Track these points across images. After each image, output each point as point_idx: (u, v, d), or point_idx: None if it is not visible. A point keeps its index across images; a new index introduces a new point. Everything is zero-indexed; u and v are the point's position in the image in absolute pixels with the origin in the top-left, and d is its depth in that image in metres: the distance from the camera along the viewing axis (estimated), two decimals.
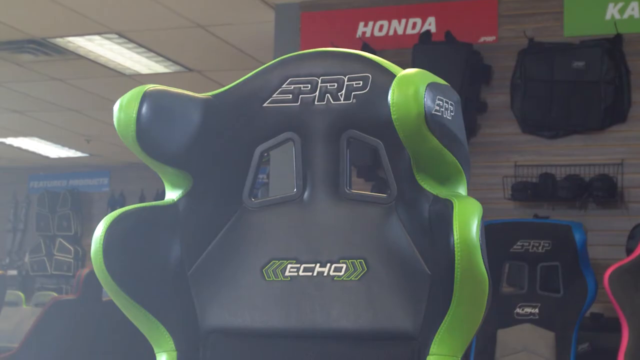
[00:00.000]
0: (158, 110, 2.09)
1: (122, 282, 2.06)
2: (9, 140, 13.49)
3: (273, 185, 7.12)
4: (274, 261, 2.15)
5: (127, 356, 8.45)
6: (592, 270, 5.38)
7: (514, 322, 5.48)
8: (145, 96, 2.08)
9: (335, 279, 2.09)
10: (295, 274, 2.12)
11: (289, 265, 2.13)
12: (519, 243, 5.62)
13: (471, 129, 6.77)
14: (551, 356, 5.31)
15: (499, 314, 5.44)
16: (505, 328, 5.47)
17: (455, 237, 1.85)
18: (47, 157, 14.09)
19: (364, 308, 2.04)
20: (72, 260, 11.38)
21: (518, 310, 5.50)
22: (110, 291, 2.07)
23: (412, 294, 2.00)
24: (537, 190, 6.56)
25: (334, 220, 2.15)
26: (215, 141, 2.17)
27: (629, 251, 5.88)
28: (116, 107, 2.09)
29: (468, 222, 1.85)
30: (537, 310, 5.46)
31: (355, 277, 2.07)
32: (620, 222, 6.43)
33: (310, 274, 2.11)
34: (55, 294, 9.40)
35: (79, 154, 13.93)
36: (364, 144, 2.15)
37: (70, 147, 13.68)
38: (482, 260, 1.85)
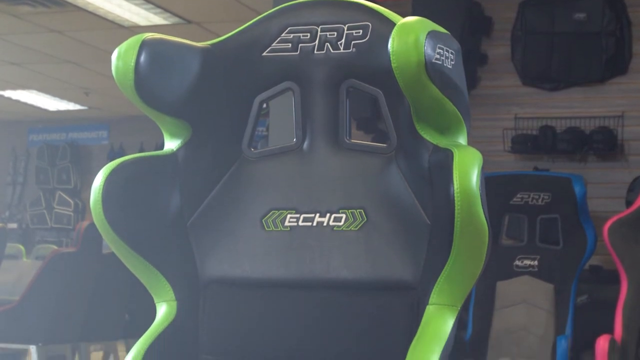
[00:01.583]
0: (156, 58, 2.07)
1: (122, 232, 2.05)
2: (8, 93, 13.45)
3: (272, 136, 7.09)
4: (273, 211, 2.14)
5: (127, 308, 8.49)
6: (591, 223, 5.38)
7: (513, 275, 5.49)
8: (144, 44, 2.07)
9: (334, 229, 2.08)
10: (295, 224, 2.11)
11: (289, 216, 2.13)
12: (518, 195, 5.62)
13: (471, 81, 6.74)
14: (550, 308, 5.33)
15: (498, 266, 5.45)
16: (505, 280, 5.48)
17: (455, 187, 1.84)
18: (46, 110, 14.06)
19: (364, 258, 2.04)
20: (71, 213, 11.39)
21: (517, 262, 5.51)
22: (110, 241, 2.07)
23: (411, 244, 2.00)
24: (537, 142, 6.54)
25: (333, 170, 2.14)
26: (214, 90, 2.15)
27: (629, 204, 5.88)
28: (114, 55, 2.07)
29: (468, 171, 1.85)
30: (536, 263, 5.47)
31: (355, 227, 2.07)
32: (620, 174, 6.42)
33: (309, 224, 2.10)
34: (55, 247, 9.42)
35: (77, 106, 13.89)
36: (363, 95, 2.13)
37: (69, 99, 13.64)
38: (482, 209, 1.85)
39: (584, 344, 5.27)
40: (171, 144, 2.17)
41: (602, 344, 4.58)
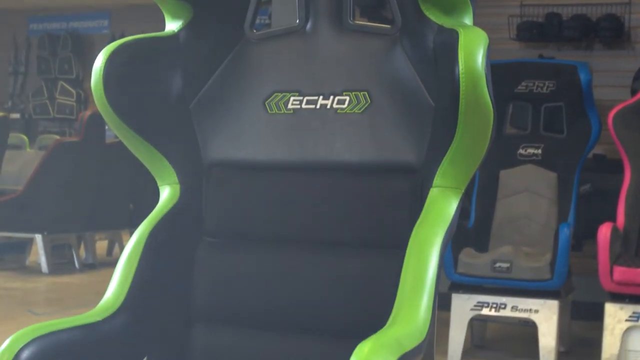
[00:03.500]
0: None
1: (123, 114, 2.03)
2: None
3: (275, 17, 6.98)
4: (276, 94, 2.12)
5: (131, 198, 8.53)
6: (596, 111, 5.35)
7: (516, 163, 5.48)
8: None
9: (338, 111, 2.06)
10: (298, 106, 2.10)
11: (292, 98, 2.11)
12: (523, 83, 5.58)
13: None
14: (553, 196, 5.34)
15: (502, 154, 5.44)
16: (508, 169, 5.48)
17: (460, 67, 1.81)
18: None
19: (368, 141, 2.03)
20: (74, 103, 11.34)
21: (521, 151, 5.49)
22: (112, 124, 2.05)
23: (415, 126, 1.98)
24: (542, 30, 6.46)
25: (337, 51, 2.11)
26: None
27: (634, 92, 5.84)
28: None
29: (473, 51, 1.82)
30: (540, 151, 5.46)
31: (359, 110, 2.05)
32: (626, 62, 6.36)
33: (313, 106, 2.09)
34: (58, 137, 9.41)
35: None
36: None
37: None
38: (487, 90, 1.82)
39: (586, 232, 5.29)
40: (172, 25, 2.14)
41: (604, 231, 4.60)
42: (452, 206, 1.90)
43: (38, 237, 7.60)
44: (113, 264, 2.02)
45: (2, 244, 7.78)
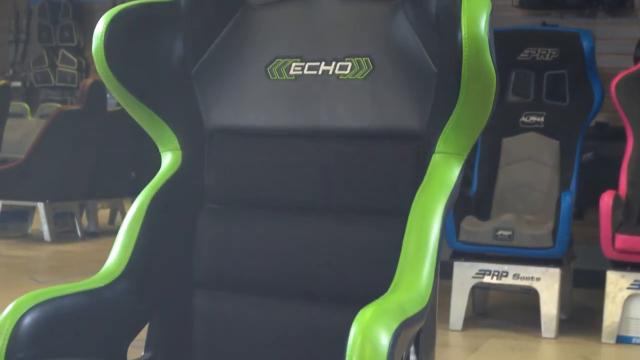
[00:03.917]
0: None
1: (125, 79, 2.03)
2: None
3: None
4: (278, 60, 2.11)
5: (133, 166, 8.53)
6: (599, 79, 5.33)
7: (519, 131, 5.47)
8: None
9: (340, 77, 2.06)
10: (300, 72, 2.09)
11: (294, 64, 2.10)
12: (526, 51, 5.56)
13: None
14: (555, 164, 5.33)
15: (504, 122, 5.42)
16: (510, 137, 5.47)
17: (464, 33, 1.80)
18: None
19: (370, 107, 2.02)
20: (75, 71, 11.29)
21: (523, 119, 5.48)
22: (113, 89, 2.04)
23: (418, 93, 1.98)
24: None
25: (339, 17, 2.10)
26: None
27: (637, 60, 5.82)
28: None
29: (476, 16, 1.80)
30: (542, 119, 5.45)
31: (361, 76, 2.04)
32: (630, 30, 6.33)
33: (315, 72, 2.08)
34: (59, 105, 9.39)
35: None
36: None
37: None
38: (490, 55, 1.81)
39: (588, 200, 5.29)
40: None
41: (606, 199, 4.60)
42: (454, 172, 1.90)
43: (40, 206, 7.61)
44: (115, 232, 2.02)
45: (5, 213, 7.79)
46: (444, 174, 1.89)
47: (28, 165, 7.52)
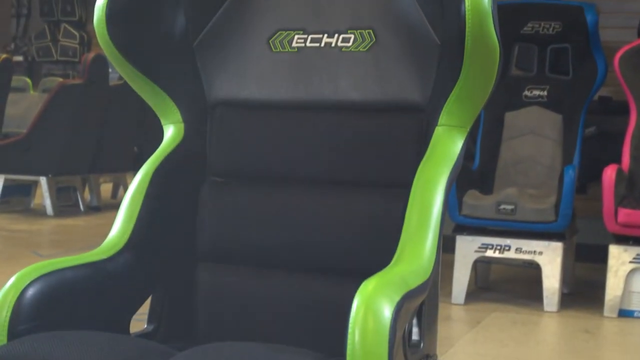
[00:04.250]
0: None
1: (127, 52, 2.02)
2: None
3: None
4: (280, 32, 2.10)
5: (136, 141, 8.53)
6: (602, 52, 5.31)
7: (522, 105, 5.46)
8: None
9: (343, 49, 2.05)
10: (303, 45, 2.08)
11: (296, 36, 2.09)
12: (529, 24, 5.54)
13: None
14: (558, 138, 5.32)
15: (507, 96, 5.41)
16: (513, 111, 5.46)
17: (467, 4, 1.79)
18: None
19: (373, 79, 2.02)
20: (77, 46, 11.27)
21: (526, 92, 5.47)
22: (115, 62, 2.03)
23: (421, 65, 1.97)
24: None
25: None
26: None
27: None
28: None
29: None
30: (545, 93, 5.43)
31: (364, 48, 2.03)
32: (633, 3, 6.30)
33: (317, 44, 2.07)
34: (62, 80, 9.37)
35: None
36: None
37: None
38: (493, 27, 1.80)
39: (591, 174, 5.28)
40: None
41: (609, 173, 4.60)
42: (457, 145, 1.89)
43: (43, 180, 7.61)
44: (117, 206, 2.02)
45: (7, 187, 7.79)
46: (447, 146, 1.88)
47: (30, 140, 7.52)
